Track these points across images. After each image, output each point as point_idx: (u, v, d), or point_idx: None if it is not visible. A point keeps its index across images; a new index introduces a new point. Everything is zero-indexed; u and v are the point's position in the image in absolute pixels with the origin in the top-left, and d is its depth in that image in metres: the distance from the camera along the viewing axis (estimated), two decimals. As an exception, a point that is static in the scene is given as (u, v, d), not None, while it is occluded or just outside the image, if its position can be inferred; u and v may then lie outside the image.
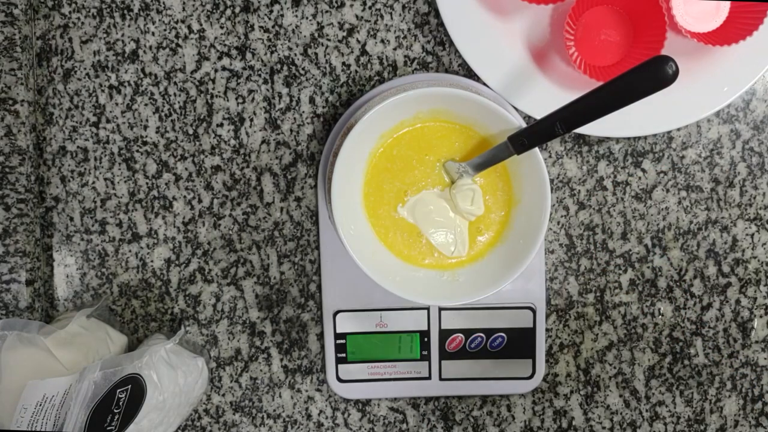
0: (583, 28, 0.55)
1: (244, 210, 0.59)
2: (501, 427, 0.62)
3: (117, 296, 0.60)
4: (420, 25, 0.57)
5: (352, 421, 0.62)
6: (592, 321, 0.60)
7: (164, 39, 0.57)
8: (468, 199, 0.52)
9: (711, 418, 0.62)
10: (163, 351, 0.54)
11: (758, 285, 0.60)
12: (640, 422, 0.62)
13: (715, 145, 0.59)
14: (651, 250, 0.60)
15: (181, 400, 0.55)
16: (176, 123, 0.58)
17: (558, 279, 0.60)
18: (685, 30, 0.53)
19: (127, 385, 0.50)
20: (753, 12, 0.52)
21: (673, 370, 0.61)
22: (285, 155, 0.59)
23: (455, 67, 0.58)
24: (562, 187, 0.59)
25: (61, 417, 0.49)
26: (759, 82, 0.58)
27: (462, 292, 0.51)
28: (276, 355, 0.61)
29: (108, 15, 0.57)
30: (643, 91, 0.41)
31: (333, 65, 0.58)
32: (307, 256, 0.59)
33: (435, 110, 0.50)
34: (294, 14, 0.57)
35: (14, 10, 0.56)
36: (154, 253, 0.59)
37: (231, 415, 0.61)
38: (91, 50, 0.58)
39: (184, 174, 0.59)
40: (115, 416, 0.49)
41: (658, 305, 0.60)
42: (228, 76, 0.58)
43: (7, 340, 0.52)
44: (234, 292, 0.60)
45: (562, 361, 0.61)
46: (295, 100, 0.58)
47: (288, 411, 0.61)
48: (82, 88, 0.58)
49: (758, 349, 0.61)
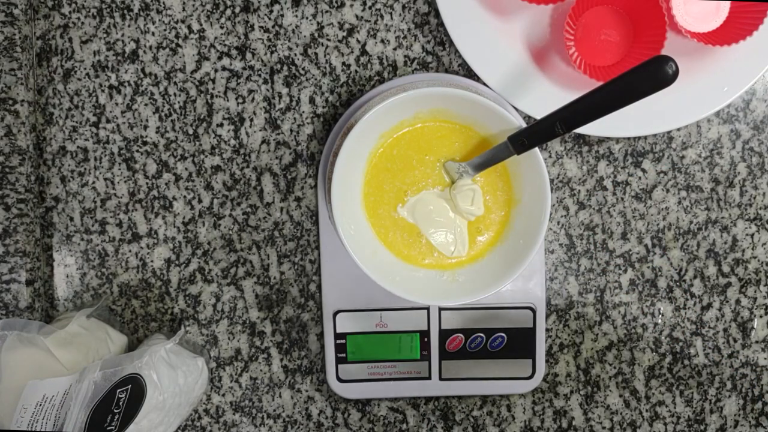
0: (583, 28, 0.55)
1: (244, 210, 0.59)
2: (501, 427, 0.62)
3: (117, 296, 0.60)
4: (420, 25, 0.57)
5: (352, 421, 0.62)
6: (592, 321, 0.60)
7: (164, 39, 0.57)
8: (468, 199, 0.52)
9: (711, 418, 0.62)
10: (163, 351, 0.54)
11: (758, 285, 0.60)
12: (640, 422, 0.62)
13: (715, 145, 0.59)
14: (651, 250, 0.60)
15: (181, 400, 0.55)
16: (176, 123, 0.58)
17: (558, 279, 0.60)
18: (685, 30, 0.53)
19: (127, 385, 0.50)
20: (753, 12, 0.52)
21: (673, 370, 0.61)
22: (285, 155, 0.59)
23: (455, 67, 0.58)
24: (562, 187, 0.59)
25: (61, 417, 0.49)
26: (759, 82, 0.58)
27: (462, 292, 0.51)
28: (276, 355, 0.61)
29: (108, 15, 0.57)
30: (643, 91, 0.41)
31: (333, 65, 0.58)
32: (307, 256, 0.59)
33: (435, 110, 0.50)
34: (294, 14, 0.57)
35: (14, 10, 0.56)
36: (154, 253, 0.59)
37: (231, 415, 0.61)
38: (91, 50, 0.58)
39: (184, 174, 0.59)
40: (115, 416, 0.49)
41: (658, 305, 0.60)
42: (228, 76, 0.58)
43: (7, 340, 0.52)
44: (234, 292, 0.60)
45: (562, 361, 0.61)
46: (295, 100, 0.58)
47: (288, 411, 0.61)
48: (82, 88, 0.58)
49: (758, 349, 0.61)
